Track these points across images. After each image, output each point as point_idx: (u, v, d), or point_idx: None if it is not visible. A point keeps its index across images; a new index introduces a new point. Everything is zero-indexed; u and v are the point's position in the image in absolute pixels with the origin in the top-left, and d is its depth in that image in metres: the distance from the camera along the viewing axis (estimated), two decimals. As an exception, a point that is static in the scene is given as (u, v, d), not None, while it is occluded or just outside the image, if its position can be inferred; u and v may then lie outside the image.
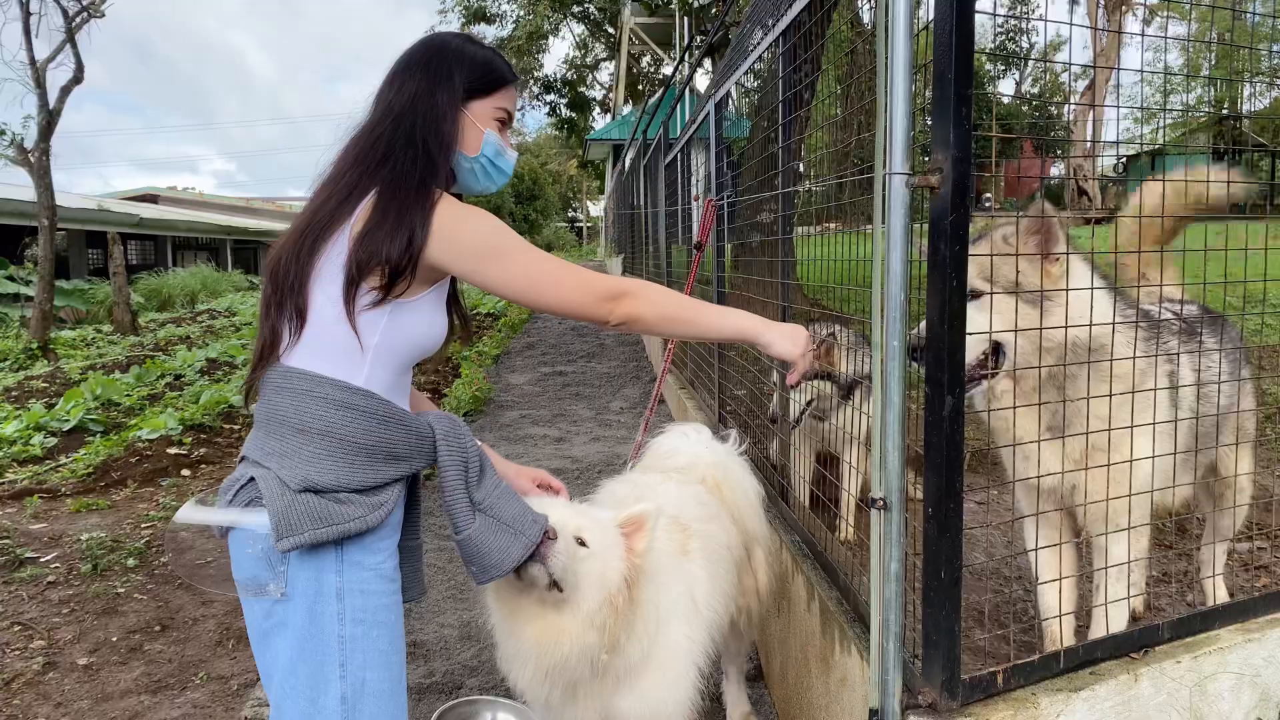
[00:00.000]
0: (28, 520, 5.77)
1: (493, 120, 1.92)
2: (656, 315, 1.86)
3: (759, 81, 6.08)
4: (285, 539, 1.68)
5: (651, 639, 2.20)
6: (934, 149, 1.74)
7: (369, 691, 1.76)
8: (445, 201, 1.78)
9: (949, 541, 1.78)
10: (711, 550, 2.58)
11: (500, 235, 1.79)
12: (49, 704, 3.61)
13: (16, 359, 12.52)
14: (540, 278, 1.80)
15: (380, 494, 1.76)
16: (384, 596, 1.79)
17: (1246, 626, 2.24)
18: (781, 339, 1.95)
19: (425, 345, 1.85)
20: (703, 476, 2.83)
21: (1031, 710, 1.89)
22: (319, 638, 1.73)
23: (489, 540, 1.84)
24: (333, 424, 1.71)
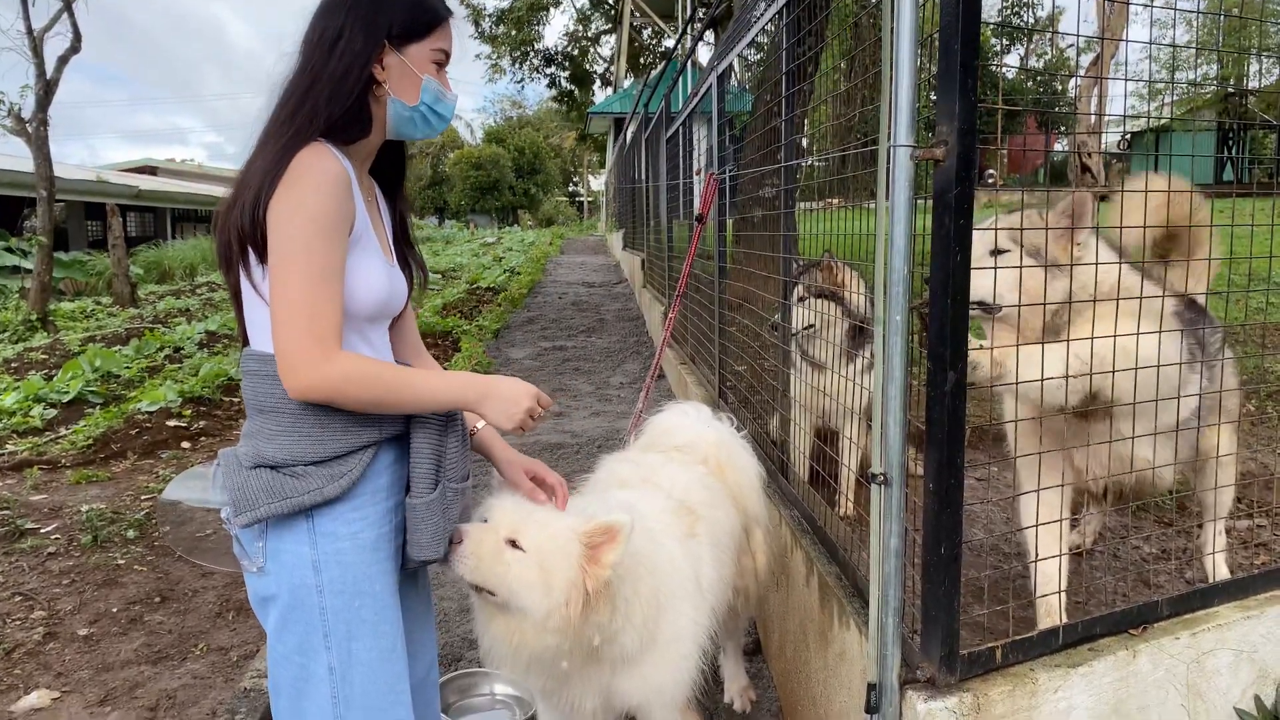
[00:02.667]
0: (28, 491, 5.77)
1: (430, 64, 1.81)
2: (364, 392, 1.66)
3: (761, 55, 6.03)
4: (242, 514, 1.70)
5: (654, 626, 2.19)
6: (939, 121, 1.72)
7: (357, 661, 1.76)
8: (310, 156, 1.65)
9: (949, 517, 1.77)
10: (716, 535, 2.58)
11: (293, 226, 1.61)
12: (50, 674, 3.62)
13: (15, 330, 12.49)
14: (277, 285, 1.62)
15: (341, 464, 1.72)
16: (366, 566, 1.77)
17: (1245, 604, 2.24)
18: (497, 407, 1.79)
19: (368, 305, 1.76)
20: (705, 457, 2.82)
21: (1030, 686, 1.89)
22: (301, 609, 1.74)
23: (433, 521, 1.81)
24: (280, 400, 1.70)
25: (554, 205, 58.57)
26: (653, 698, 2.29)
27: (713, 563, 2.47)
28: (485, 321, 11.68)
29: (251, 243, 1.64)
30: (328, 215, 1.63)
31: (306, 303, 1.60)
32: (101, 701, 3.41)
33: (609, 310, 13.31)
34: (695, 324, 6.37)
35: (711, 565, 2.46)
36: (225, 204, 1.72)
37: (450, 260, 21.45)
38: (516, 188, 51.29)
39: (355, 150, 1.81)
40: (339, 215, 1.65)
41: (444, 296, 13.89)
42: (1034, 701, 1.89)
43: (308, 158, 1.64)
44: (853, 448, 3.68)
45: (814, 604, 2.60)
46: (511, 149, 51.54)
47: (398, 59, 1.76)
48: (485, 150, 51.44)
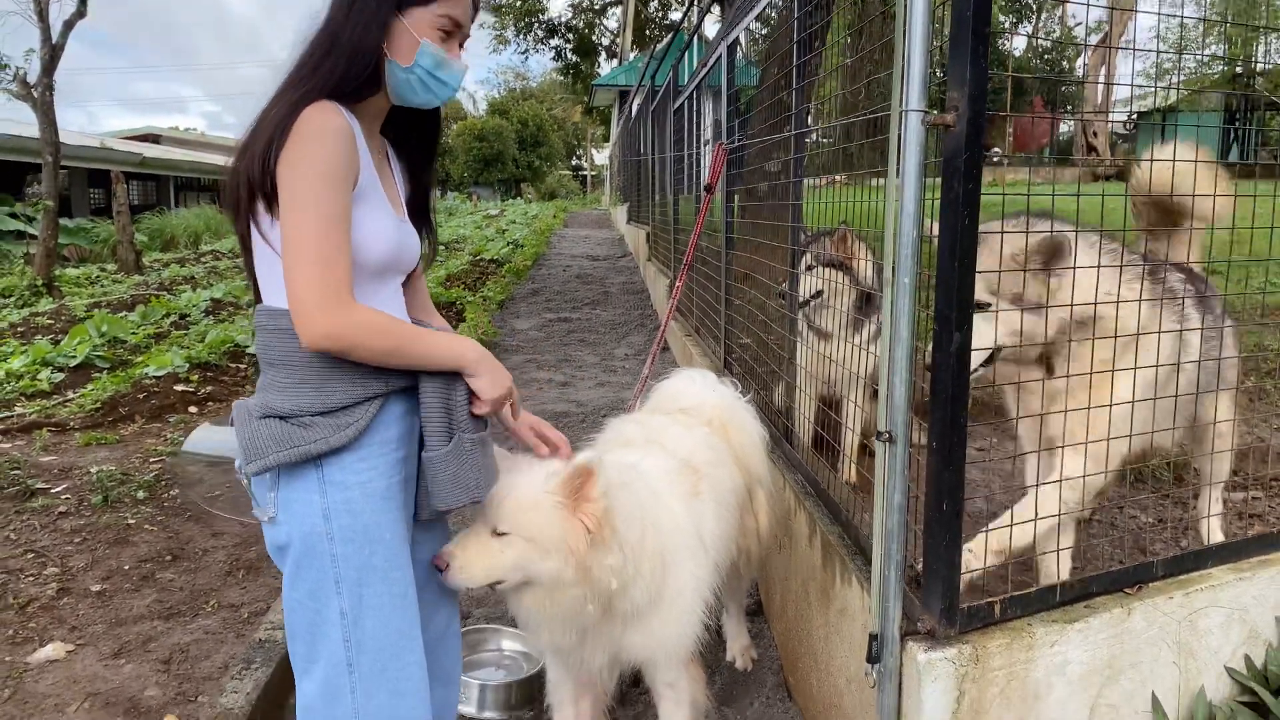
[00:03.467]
0: (37, 452, 5.83)
1: (434, 30, 1.82)
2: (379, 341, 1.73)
3: (769, 28, 6.02)
4: (251, 462, 1.77)
5: (660, 580, 2.25)
6: (950, 87, 1.76)
7: (368, 606, 1.81)
8: (316, 112, 1.70)
9: (952, 474, 1.83)
10: (719, 493, 2.65)
11: (302, 180, 1.67)
12: (64, 628, 3.69)
13: (21, 295, 12.54)
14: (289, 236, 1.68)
15: (347, 414, 1.77)
16: (376, 515, 1.82)
17: (1238, 566, 2.30)
18: (488, 377, 1.87)
19: (375, 257, 1.81)
20: (709, 419, 2.88)
21: (1027, 639, 1.95)
22: (313, 556, 1.79)
23: (450, 470, 1.85)
24: (289, 354, 1.76)
25: (557, 178, 58.37)
26: (658, 651, 2.36)
27: (716, 519, 2.53)
28: (490, 293, 11.71)
29: (261, 190, 1.70)
30: (333, 167, 1.68)
31: (319, 251, 1.65)
32: (115, 654, 3.48)
33: (613, 283, 13.34)
34: (701, 295, 6.40)
35: (714, 521, 2.53)
36: (238, 150, 1.77)
37: (453, 232, 21.43)
38: (520, 160, 51.06)
39: (364, 108, 1.85)
40: (344, 167, 1.70)
41: (448, 268, 13.91)
42: (1031, 655, 1.96)
43: (313, 113, 1.69)
44: (858, 413, 3.73)
45: (816, 563, 2.66)
46: (515, 121, 51.28)
47: (399, 21, 1.79)
48: (488, 122, 51.18)
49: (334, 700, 1.83)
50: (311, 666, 1.85)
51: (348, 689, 1.82)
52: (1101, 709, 2.08)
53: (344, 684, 1.82)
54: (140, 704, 3.13)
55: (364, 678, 1.83)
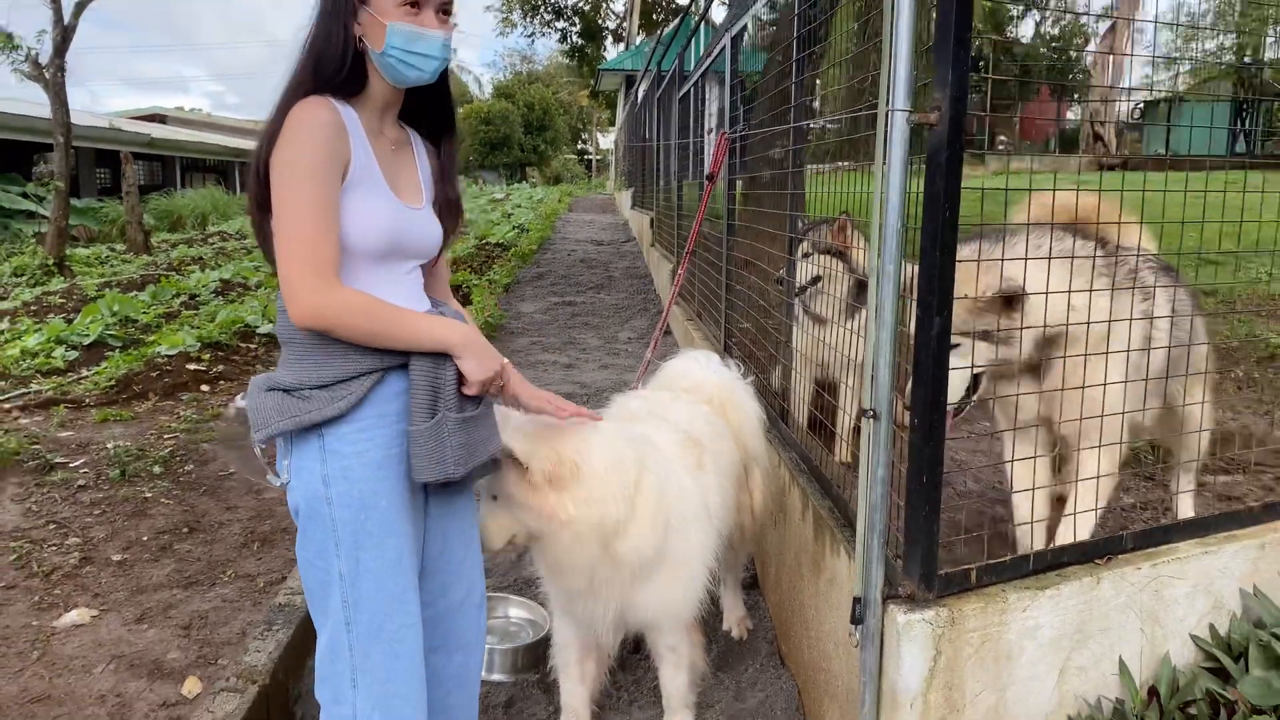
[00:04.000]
0: (54, 428, 5.97)
1: (399, 9, 1.88)
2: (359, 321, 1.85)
3: (775, 15, 6.10)
4: (258, 430, 1.91)
5: (666, 538, 2.40)
6: (934, 88, 1.88)
7: (364, 569, 1.93)
8: (300, 108, 1.82)
9: (932, 450, 1.96)
10: (720, 465, 2.79)
11: (285, 170, 1.80)
12: (87, 594, 3.84)
13: (33, 274, 12.69)
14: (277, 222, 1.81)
15: (343, 388, 1.89)
16: (372, 483, 1.92)
17: (1205, 541, 2.43)
18: (473, 359, 1.96)
19: (370, 242, 1.91)
20: (709, 397, 3.02)
21: (1000, 604, 2.09)
22: (316, 519, 1.93)
23: (426, 447, 1.94)
24: (294, 333, 1.90)
25: (563, 163, 58.33)
26: (664, 612, 2.52)
27: (718, 490, 2.69)
28: (495, 276, 11.84)
29: (264, 195, 1.84)
30: (317, 158, 1.79)
31: (303, 237, 1.78)
32: (138, 620, 3.63)
33: (617, 268, 13.46)
34: (703, 281, 6.52)
35: (717, 493, 2.68)
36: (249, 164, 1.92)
37: (459, 215, 21.51)
38: (525, 144, 51.05)
39: (366, 100, 1.96)
40: (328, 158, 1.81)
41: (453, 251, 14.01)
42: (1004, 618, 2.10)
43: (298, 111, 1.81)
44: (852, 396, 3.86)
45: (809, 536, 2.80)
46: (521, 105, 51.24)
47: (365, 10, 1.88)
48: (494, 105, 51.14)
49: (335, 656, 1.97)
50: (325, 621, 1.99)
51: (346, 646, 1.95)
52: (1071, 670, 2.22)
53: (343, 641, 1.95)
54: (163, 666, 3.28)
55: (361, 637, 1.94)
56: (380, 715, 1.95)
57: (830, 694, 2.53)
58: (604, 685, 2.92)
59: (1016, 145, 12.66)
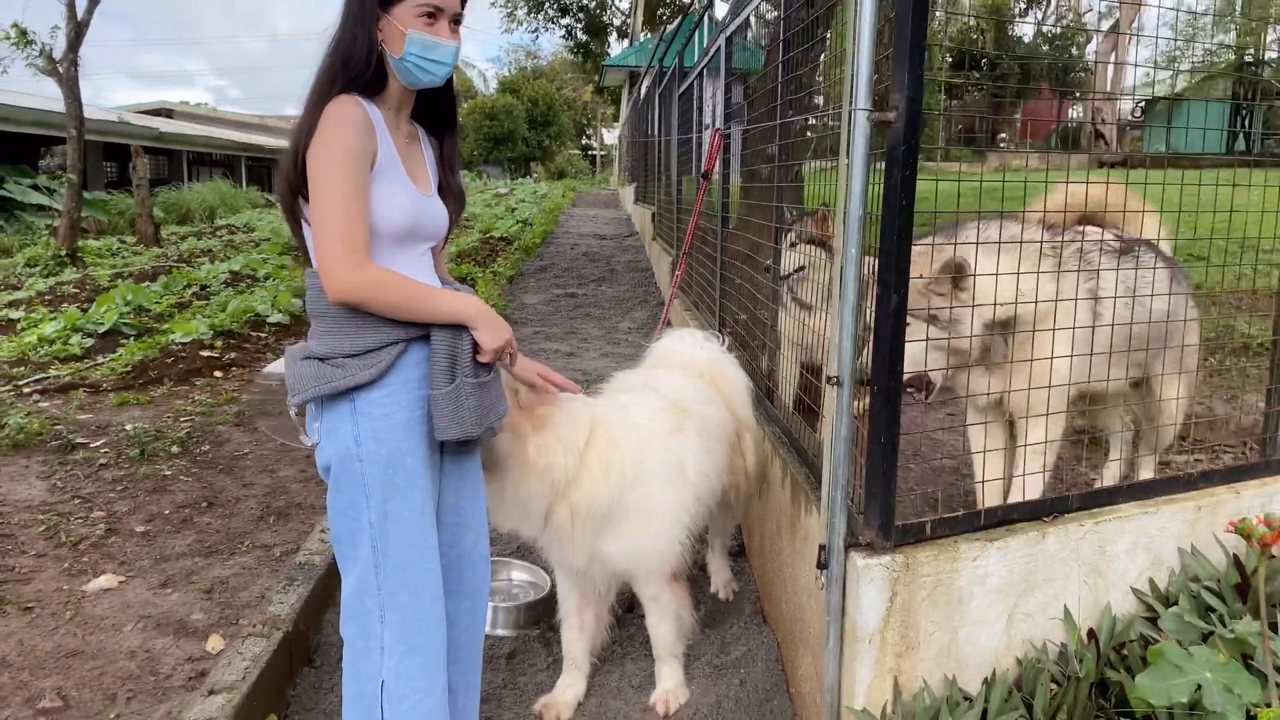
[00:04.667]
0: (74, 411, 6.19)
1: (417, 19, 2.09)
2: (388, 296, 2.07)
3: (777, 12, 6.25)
4: (295, 395, 2.15)
5: (622, 493, 2.67)
6: (892, 90, 2.11)
7: (392, 518, 2.18)
8: (334, 106, 2.04)
9: (889, 412, 2.20)
10: (708, 430, 3.03)
11: (321, 161, 2.02)
12: (114, 562, 4.08)
13: (46, 265, 12.93)
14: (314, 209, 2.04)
15: (374, 356, 2.12)
16: (399, 442, 2.17)
17: (1146, 503, 2.66)
18: (486, 330, 2.20)
19: (394, 225, 2.15)
20: (701, 371, 3.29)
21: (952, 553, 2.33)
22: (347, 474, 2.17)
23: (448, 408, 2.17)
24: (326, 307, 2.13)
25: (567, 158, 58.52)
26: (636, 563, 2.77)
27: (702, 453, 2.92)
28: (500, 269, 12.08)
29: (298, 169, 2.07)
30: (348, 150, 2.03)
31: (338, 220, 2.02)
32: (162, 585, 3.87)
33: (619, 261, 13.70)
34: (700, 273, 6.75)
35: (701, 455, 2.91)
36: (285, 155, 2.15)
37: (463, 210, 21.77)
38: (530, 139, 51.22)
39: (385, 99, 2.20)
40: (359, 150, 2.05)
41: (458, 245, 14.28)
42: (955, 566, 2.33)
43: (332, 108, 2.05)
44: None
45: (787, 500, 3.04)
46: (525, 100, 51.42)
47: (386, 19, 2.12)
48: (499, 100, 51.31)
49: (364, 595, 2.22)
50: (353, 565, 2.23)
51: (375, 586, 2.20)
52: (1019, 616, 2.46)
53: (372, 582, 2.20)
54: (188, 625, 3.52)
55: (388, 577, 2.20)
56: (405, 646, 2.20)
57: (805, 642, 2.76)
58: (604, 639, 3.17)
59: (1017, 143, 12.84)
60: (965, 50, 30.27)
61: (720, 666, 3.22)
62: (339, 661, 3.01)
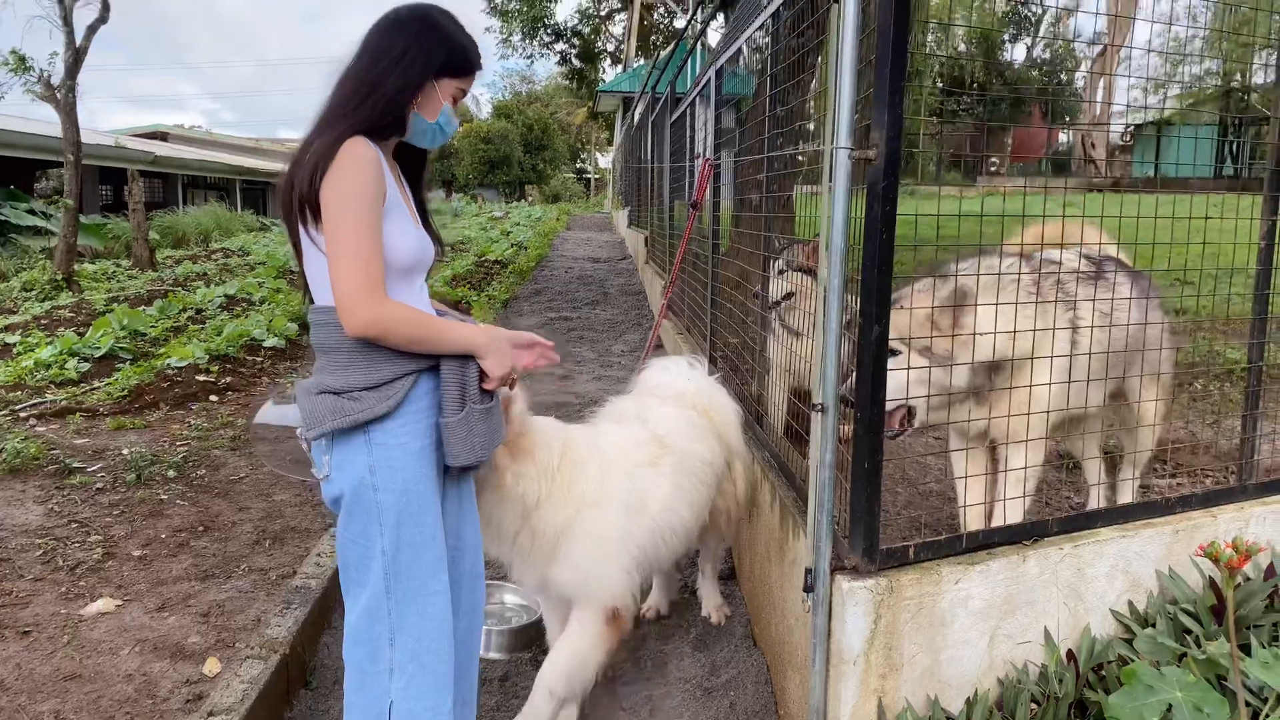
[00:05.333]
0: (71, 435, 6.22)
1: (451, 96, 2.29)
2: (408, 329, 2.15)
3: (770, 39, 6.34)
4: (312, 429, 2.21)
5: (577, 516, 2.73)
6: (872, 129, 2.20)
7: (404, 544, 2.25)
8: (354, 145, 2.11)
9: (872, 439, 2.27)
10: (689, 467, 3.09)
11: (343, 200, 2.08)
12: (111, 586, 4.11)
13: (42, 290, 12.99)
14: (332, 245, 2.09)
15: (389, 388, 2.20)
16: (412, 470, 2.24)
17: (1124, 527, 2.73)
18: (495, 358, 2.28)
19: (404, 258, 2.23)
20: (693, 404, 3.35)
21: (935, 576, 2.39)
22: (361, 504, 2.23)
23: (461, 434, 2.27)
24: (338, 343, 2.20)
25: (561, 182, 58.80)
26: (579, 587, 2.80)
27: (672, 489, 2.98)
28: (494, 292, 12.17)
29: (309, 202, 2.13)
30: (368, 190, 2.11)
31: (359, 257, 2.09)
32: (160, 608, 3.90)
33: (613, 285, 13.80)
34: (692, 298, 6.83)
35: (670, 491, 2.97)
36: (289, 172, 2.20)
37: (458, 233, 21.92)
38: (525, 163, 51.53)
39: (384, 143, 2.28)
40: (376, 189, 2.14)
41: (453, 268, 14.38)
42: (938, 589, 2.40)
43: (352, 146, 2.12)
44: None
45: (776, 524, 3.10)
46: (520, 124, 51.76)
47: (432, 84, 2.25)
48: (494, 125, 51.64)
49: (374, 619, 2.28)
50: (360, 592, 2.30)
51: (385, 610, 2.27)
52: (1000, 638, 2.52)
53: (383, 606, 2.27)
54: (185, 649, 3.55)
55: (398, 601, 2.27)
56: (414, 666, 2.27)
57: (793, 665, 2.81)
58: None
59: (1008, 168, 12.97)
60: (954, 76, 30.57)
61: (710, 689, 3.27)
62: (335, 684, 3.07)
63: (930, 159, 3.72)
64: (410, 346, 2.19)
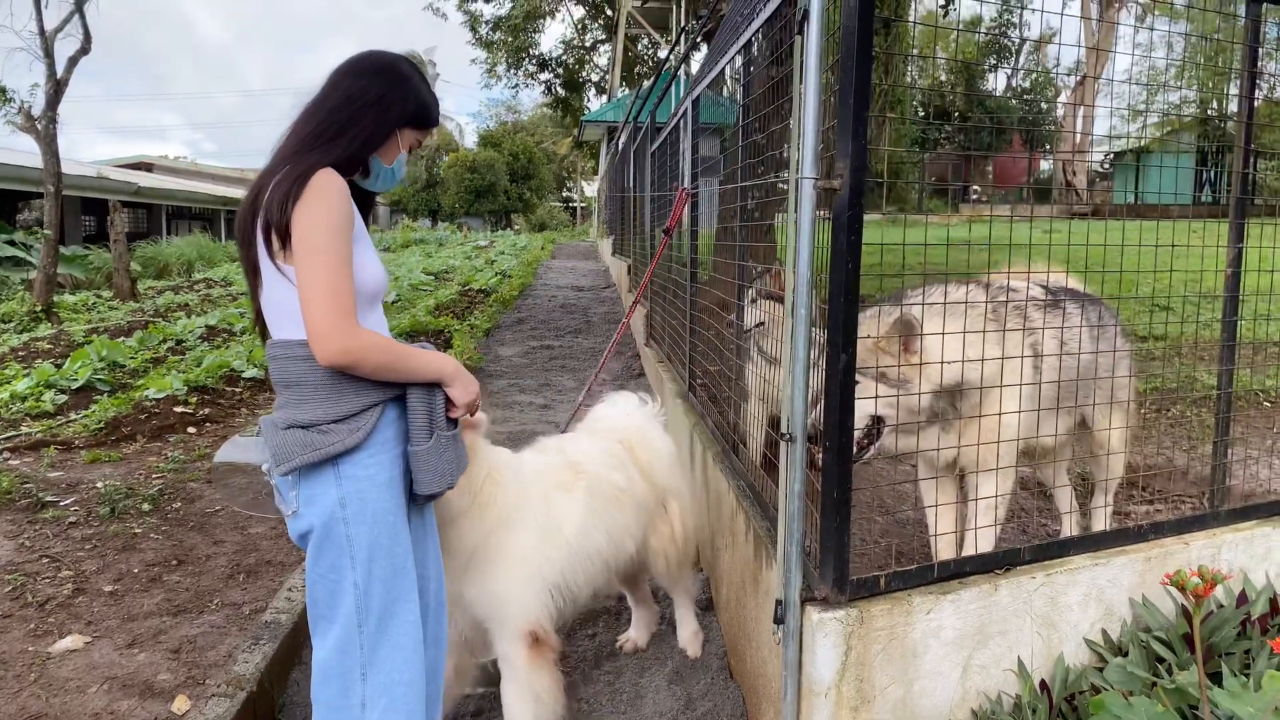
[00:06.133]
0: (45, 469, 6.16)
1: (409, 145, 2.38)
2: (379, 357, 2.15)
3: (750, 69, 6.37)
4: (281, 465, 2.19)
5: (489, 535, 2.73)
6: (837, 159, 2.21)
7: (375, 577, 2.23)
8: (325, 176, 2.13)
9: (841, 468, 2.26)
10: (603, 492, 3.10)
11: (316, 228, 2.09)
12: (80, 622, 4.05)
13: (21, 321, 12.91)
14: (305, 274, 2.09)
15: (357, 419, 2.19)
16: (383, 501, 2.23)
17: (1097, 555, 2.72)
18: (460, 386, 2.32)
19: (371, 286, 2.24)
20: (621, 438, 3.38)
21: (906, 606, 2.38)
22: (331, 538, 2.21)
23: (430, 462, 2.28)
24: (304, 376, 2.19)
25: (547, 210, 58.99)
26: (491, 610, 2.77)
27: (587, 512, 3.00)
28: (477, 321, 12.15)
29: (278, 228, 2.12)
30: (339, 220, 2.12)
31: (331, 287, 2.08)
32: (129, 645, 3.84)
33: (596, 313, 13.80)
34: (672, 326, 6.83)
35: (585, 514, 2.99)
36: (251, 196, 2.21)
37: (443, 263, 21.94)
38: (511, 192, 51.72)
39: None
40: (346, 219, 2.15)
41: (437, 297, 14.37)
42: (909, 619, 2.38)
43: (325, 177, 2.14)
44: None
45: (750, 554, 3.08)
46: (506, 153, 52.00)
47: (396, 134, 2.33)
48: (480, 154, 51.85)
49: (346, 654, 2.26)
50: (330, 628, 2.27)
51: (357, 644, 2.25)
52: (974, 668, 2.50)
53: (354, 640, 2.25)
54: (154, 686, 3.50)
55: (370, 634, 2.25)
56: (387, 700, 2.25)
57: (768, 697, 2.79)
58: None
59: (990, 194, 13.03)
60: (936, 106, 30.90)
61: (686, 722, 3.23)
62: (305, 720, 3.00)
63: (913, 187, 3.76)
64: (380, 374, 2.19)
